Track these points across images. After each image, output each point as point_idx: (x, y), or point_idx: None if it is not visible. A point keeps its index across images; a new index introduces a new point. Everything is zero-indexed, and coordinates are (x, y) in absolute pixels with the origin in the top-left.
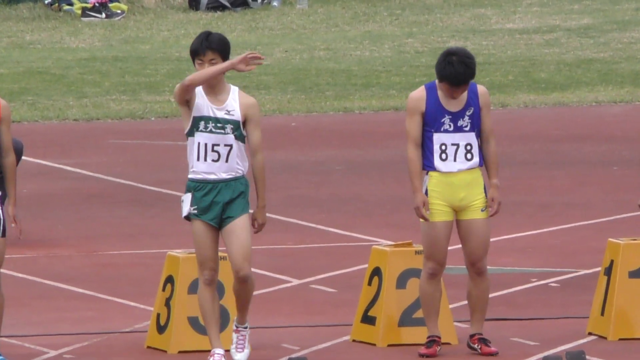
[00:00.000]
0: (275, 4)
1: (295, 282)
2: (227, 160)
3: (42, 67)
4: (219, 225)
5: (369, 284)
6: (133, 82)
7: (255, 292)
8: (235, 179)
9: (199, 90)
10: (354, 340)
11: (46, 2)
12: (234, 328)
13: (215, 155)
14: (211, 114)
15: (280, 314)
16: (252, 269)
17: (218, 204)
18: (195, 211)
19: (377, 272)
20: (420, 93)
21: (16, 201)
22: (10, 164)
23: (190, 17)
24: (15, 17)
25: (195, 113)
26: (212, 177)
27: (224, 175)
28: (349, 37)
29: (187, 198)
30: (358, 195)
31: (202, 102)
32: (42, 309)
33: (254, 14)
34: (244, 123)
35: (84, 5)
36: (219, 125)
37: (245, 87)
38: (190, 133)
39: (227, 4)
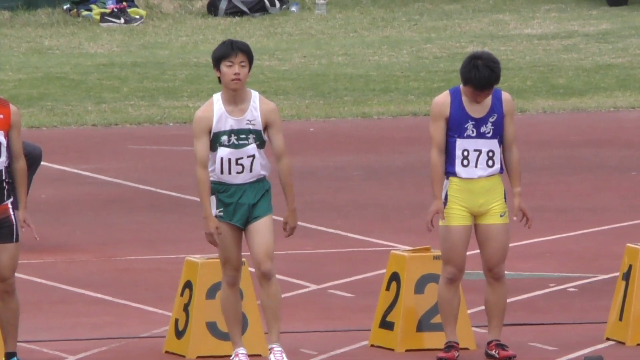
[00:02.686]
0: (293, 9)
1: (314, 287)
2: (251, 170)
3: (60, 72)
4: (244, 225)
5: (387, 289)
6: (151, 87)
7: None
8: (258, 181)
9: (218, 107)
10: (372, 345)
11: (65, 7)
12: (269, 348)
13: (240, 168)
14: (234, 127)
15: (298, 319)
16: None
17: (244, 205)
18: (222, 213)
19: (395, 277)
20: (444, 98)
21: (26, 205)
22: (21, 169)
23: (208, 22)
24: (34, 22)
25: (215, 129)
26: (238, 182)
27: (249, 180)
28: (367, 43)
29: (210, 201)
30: (376, 200)
31: (221, 117)
32: (60, 314)
33: (273, 20)
34: (265, 128)
35: (103, 10)
36: (241, 136)
37: (263, 93)
38: (213, 148)
39: (246, 10)
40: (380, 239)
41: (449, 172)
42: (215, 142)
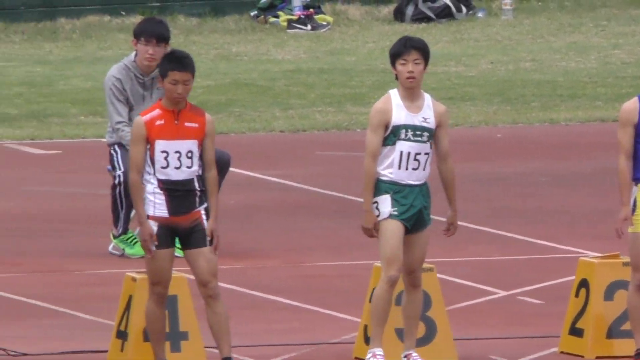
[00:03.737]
0: (480, 15)
1: (502, 293)
2: (424, 169)
3: (248, 78)
4: (411, 227)
5: (576, 295)
6: (338, 93)
7: (462, 304)
8: (425, 184)
9: (396, 101)
10: (562, 352)
11: (252, 14)
12: (404, 356)
13: (416, 164)
14: (409, 122)
15: (487, 325)
16: (459, 280)
17: (416, 207)
18: (396, 212)
19: (584, 283)
20: (633, 104)
21: (217, 216)
22: (212, 178)
23: (395, 28)
24: (221, 29)
25: (394, 122)
26: (410, 182)
27: (419, 182)
28: (554, 48)
29: (384, 200)
30: (564, 206)
31: (400, 111)
32: (250, 319)
33: (459, 25)
34: (435, 130)
35: (290, 17)
36: (417, 133)
37: (450, 99)
38: (390, 142)
39: (432, 15)
40: (568, 245)
41: (638, 178)
42: (393, 135)
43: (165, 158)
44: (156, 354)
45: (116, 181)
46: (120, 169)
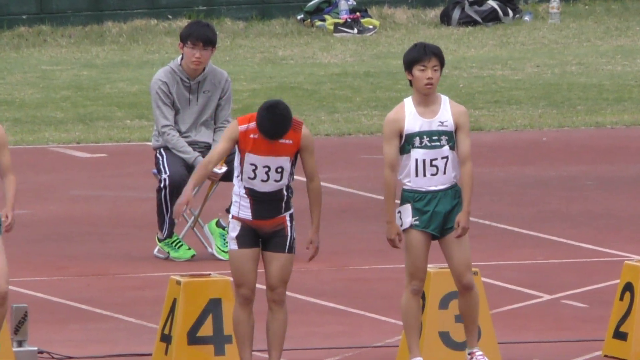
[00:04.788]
0: (526, 18)
1: (546, 297)
2: (445, 172)
3: (294, 82)
4: (439, 234)
5: (621, 299)
6: (384, 97)
7: (506, 307)
8: (451, 187)
9: (409, 109)
10: (605, 356)
11: (299, 17)
12: (468, 353)
13: (434, 170)
14: (425, 128)
15: (530, 329)
16: (503, 284)
17: (439, 213)
18: (417, 222)
19: (628, 287)
20: None
21: (319, 226)
22: (315, 188)
23: (441, 32)
24: (268, 32)
25: (407, 131)
26: (432, 188)
27: (442, 187)
28: (600, 52)
29: (405, 210)
30: (609, 210)
31: (414, 119)
32: (294, 323)
33: (506, 29)
34: (455, 132)
35: (336, 21)
36: (433, 138)
37: (496, 102)
38: (405, 150)
39: (479, 19)
40: (613, 248)
41: None
42: (407, 144)
43: (254, 171)
44: (242, 359)
45: (161, 184)
46: (165, 173)
